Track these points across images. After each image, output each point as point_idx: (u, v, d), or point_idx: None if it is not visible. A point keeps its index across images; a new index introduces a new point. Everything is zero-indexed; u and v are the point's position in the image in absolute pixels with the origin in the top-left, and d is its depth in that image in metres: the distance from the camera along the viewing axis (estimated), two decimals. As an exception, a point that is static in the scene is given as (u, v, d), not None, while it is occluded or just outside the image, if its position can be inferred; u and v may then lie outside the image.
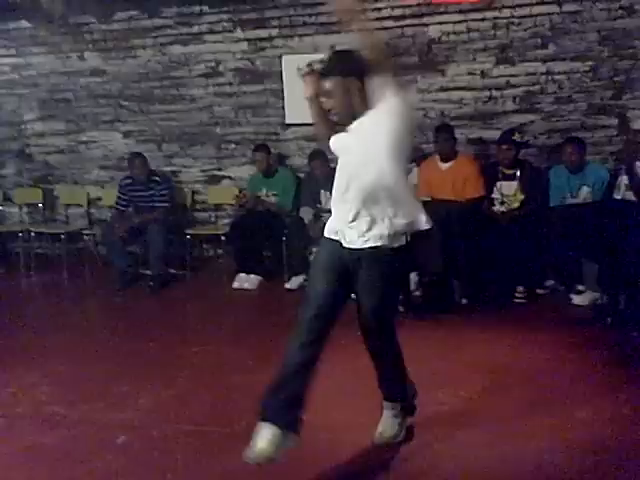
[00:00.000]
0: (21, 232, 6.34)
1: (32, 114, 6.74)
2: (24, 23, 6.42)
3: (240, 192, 5.77)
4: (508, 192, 4.92)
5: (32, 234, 6.27)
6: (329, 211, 5.25)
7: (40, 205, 6.74)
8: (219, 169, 6.33)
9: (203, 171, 6.36)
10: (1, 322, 4.77)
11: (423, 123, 5.61)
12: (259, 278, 5.41)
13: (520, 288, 4.67)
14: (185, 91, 6.23)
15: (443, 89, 5.58)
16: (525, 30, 5.29)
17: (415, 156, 5.33)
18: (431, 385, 3.29)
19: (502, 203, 4.93)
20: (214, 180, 6.35)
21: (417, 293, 4.68)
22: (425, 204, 2.60)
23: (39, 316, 5.04)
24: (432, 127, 5.36)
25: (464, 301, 4.66)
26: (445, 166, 5.05)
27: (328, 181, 5.38)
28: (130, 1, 6.11)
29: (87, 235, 6.21)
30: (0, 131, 6.64)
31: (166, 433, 2.91)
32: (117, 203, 5.85)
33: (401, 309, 4.48)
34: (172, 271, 5.75)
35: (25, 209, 6.83)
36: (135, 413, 3.14)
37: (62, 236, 6.14)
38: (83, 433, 2.96)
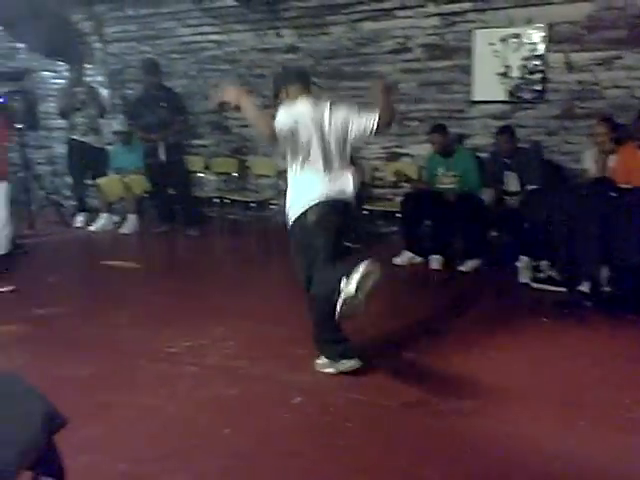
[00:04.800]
0: (217, 198, 6.90)
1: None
2: (229, 1, 6.85)
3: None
4: None
5: (226, 201, 6.79)
6: (513, 193, 5.16)
7: (234, 174, 7.27)
8: (399, 146, 6.34)
9: (384, 148, 6.41)
10: (195, 280, 5.25)
11: (626, 103, 5.15)
12: (438, 258, 5.32)
13: None
14: (373, 68, 6.28)
15: (654, 66, 5.06)
16: None
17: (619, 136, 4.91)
18: (617, 388, 3.08)
19: None
20: (394, 157, 6.38)
21: (607, 288, 4.34)
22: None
23: (228, 276, 5.46)
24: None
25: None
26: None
27: (513, 161, 5.25)
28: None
29: (274, 205, 6.57)
30: (203, 104, 7.21)
31: (339, 400, 3.04)
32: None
33: (588, 304, 4.20)
34: (348, 244, 5.88)
35: (221, 177, 7.41)
36: (312, 377, 3.30)
37: (252, 204, 6.58)
38: (263, 389, 3.19)
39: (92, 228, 7.05)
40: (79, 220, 7.31)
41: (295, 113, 3.18)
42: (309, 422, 2.86)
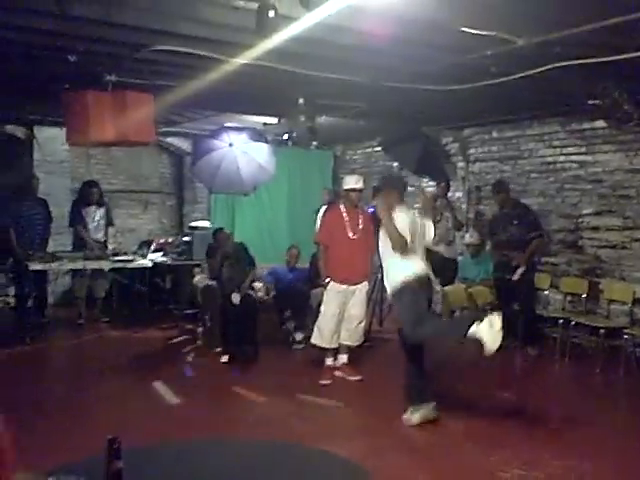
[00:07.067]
0: (561, 319, 6.59)
1: (590, 208, 6.99)
2: (597, 123, 6.75)
3: None
4: None
5: (571, 323, 6.43)
6: None
7: (583, 296, 6.88)
8: None
9: None
10: (528, 400, 5.02)
11: None
12: None
13: None
14: None
15: None
16: None
17: None
18: None
19: None
20: None
21: None
22: None
23: (568, 405, 5.10)
24: None
25: None
26: None
27: None
28: None
29: (627, 334, 5.99)
30: (557, 222, 7.12)
31: None
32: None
33: None
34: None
35: (569, 298, 7.09)
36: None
37: (600, 330, 6.10)
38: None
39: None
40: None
41: (404, 218, 4.39)
42: None
